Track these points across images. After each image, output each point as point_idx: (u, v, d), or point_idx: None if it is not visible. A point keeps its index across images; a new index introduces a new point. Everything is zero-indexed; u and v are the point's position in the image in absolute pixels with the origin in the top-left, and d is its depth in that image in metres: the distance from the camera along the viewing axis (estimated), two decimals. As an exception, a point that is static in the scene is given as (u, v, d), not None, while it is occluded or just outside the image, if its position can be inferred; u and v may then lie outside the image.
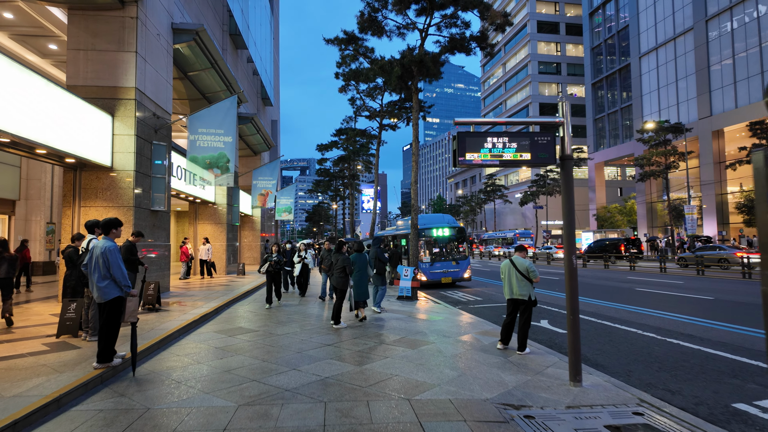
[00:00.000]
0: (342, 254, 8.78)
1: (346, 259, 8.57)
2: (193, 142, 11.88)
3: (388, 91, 23.60)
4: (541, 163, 5.07)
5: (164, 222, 12.45)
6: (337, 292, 8.55)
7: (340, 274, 8.52)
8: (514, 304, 6.52)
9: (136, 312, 5.25)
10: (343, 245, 9.04)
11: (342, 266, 8.52)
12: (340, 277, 8.52)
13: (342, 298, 8.53)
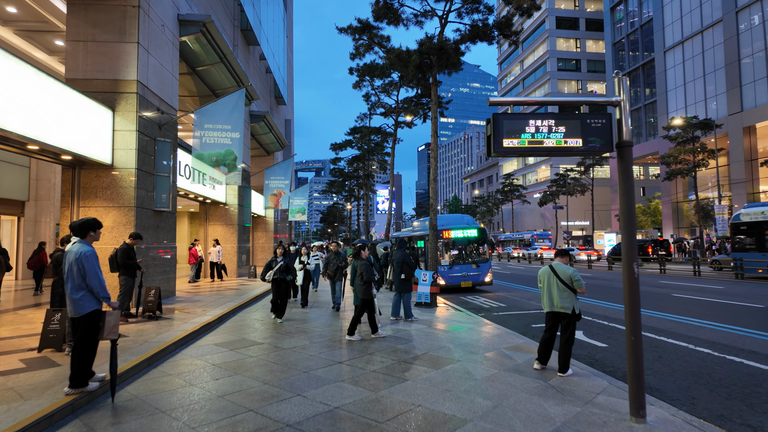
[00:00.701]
0: (362, 260, 7.95)
1: (366, 264, 7.76)
2: (198, 139, 11.23)
3: (404, 86, 22.79)
4: (593, 151, 4.19)
5: (169, 223, 11.82)
6: (361, 303, 7.72)
7: (361, 282, 7.73)
8: (554, 317, 5.63)
9: (116, 327, 4.52)
10: (362, 249, 8.23)
11: (361, 273, 7.73)
12: (361, 286, 7.71)
13: (364, 309, 7.70)
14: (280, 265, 9.10)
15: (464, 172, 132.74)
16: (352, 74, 21.13)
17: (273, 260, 9.24)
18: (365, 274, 7.63)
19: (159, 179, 11.00)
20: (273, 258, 9.29)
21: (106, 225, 9.90)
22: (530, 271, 26.55)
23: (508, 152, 4.16)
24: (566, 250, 5.75)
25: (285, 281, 9.10)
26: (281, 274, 9.07)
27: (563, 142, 4.15)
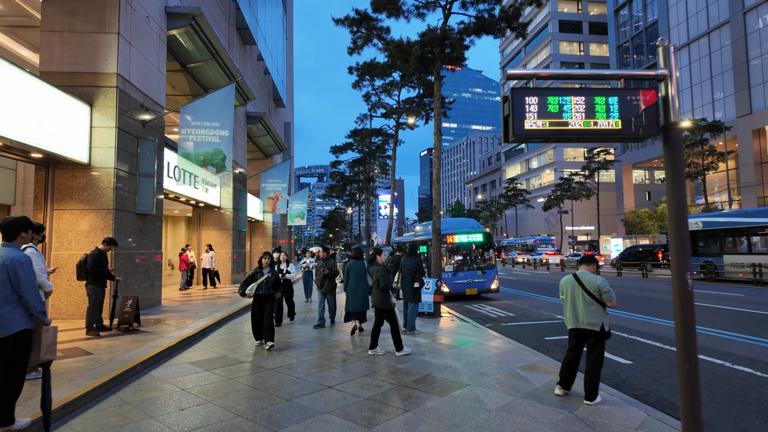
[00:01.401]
0: (378, 265, 7.18)
1: (383, 270, 7.00)
2: (185, 137, 10.50)
3: (405, 86, 22.08)
4: (634, 136, 3.41)
5: (153, 227, 11.06)
6: (379, 314, 6.97)
7: (377, 290, 6.96)
8: (579, 335, 4.82)
9: (54, 346, 3.75)
10: (379, 254, 7.45)
11: (377, 279, 6.98)
12: (378, 295, 6.93)
13: (383, 320, 6.97)
14: (266, 279, 7.23)
15: (466, 177, 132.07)
16: (352, 73, 20.43)
17: (257, 272, 7.38)
18: (382, 281, 6.82)
19: (142, 180, 10.26)
20: (257, 269, 7.42)
21: (82, 229, 9.16)
22: (536, 278, 25.69)
23: (531, 136, 3.37)
24: (592, 256, 4.94)
25: (272, 298, 7.35)
26: (267, 290, 7.28)
27: (599, 124, 3.37)
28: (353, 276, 7.93)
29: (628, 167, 53.46)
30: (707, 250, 21.30)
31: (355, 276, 7.90)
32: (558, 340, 8.62)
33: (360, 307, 7.92)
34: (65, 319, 8.93)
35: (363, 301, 7.94)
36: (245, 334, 8.38)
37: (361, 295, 7.89)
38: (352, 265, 8.02)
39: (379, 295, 6.90)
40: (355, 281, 7.91)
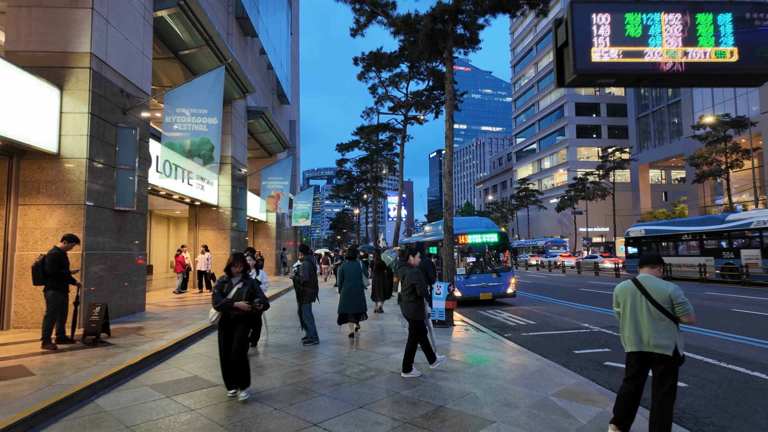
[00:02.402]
0: (409, 266, 5.98)
1: (418, 274, 5.78)
2: (169, 125, 9.48)
3: (413, 78, 20.94)
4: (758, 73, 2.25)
5: (136, 225, 10.04)
6: (414, 327, 5.75)
7: (410, 298, 5.75)
8: (643, 360, 3.64)
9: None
10: (413, 254, 6.12)
11: (411, 285, 5.74)
12: (411, 303, 5.74)
13: (419, 334, 5.71)
14: (236, 292, 4.73)
15: (476, 178, 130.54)
16: (357, 64, 19.36)
17: (225, 281, 4.80)
18: (419, 288, 5.62)
19: (122, 173, 9.25)
20: (224, 278, 4.84)
21: (50, 227, 8.16)
22: (553, 280, 24.38)
23: (600, 74, 2.24)
24: (657, 256, 3.76)
25: (244, 320, 4.76)
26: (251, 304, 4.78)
27: (702, 55, 2.22)
28: (348, 277, 7.83)
29: (645, 166, 51.83)
30: (649, 252, 25.04)
31: (350, 277, 7.81)
32: (590, 355, 7.44)
33: (356, 309, 7.88)
34: (29, 328, 7.92)
35: (358, 302, 7.91)
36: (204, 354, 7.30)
37: (356, 296, 7.87)
38: (346, 266, 7.90)
39: (413, 304, 5.70)
40: (349, 282, 7.82)
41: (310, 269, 7.41)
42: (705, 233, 21.75)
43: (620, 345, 8.19)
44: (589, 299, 15.19)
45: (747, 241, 19.59)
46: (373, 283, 11.39)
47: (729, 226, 20.39)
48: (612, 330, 9.58)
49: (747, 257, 19.36)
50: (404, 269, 5.93)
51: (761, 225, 18.78)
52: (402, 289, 5.86)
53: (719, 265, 20.68)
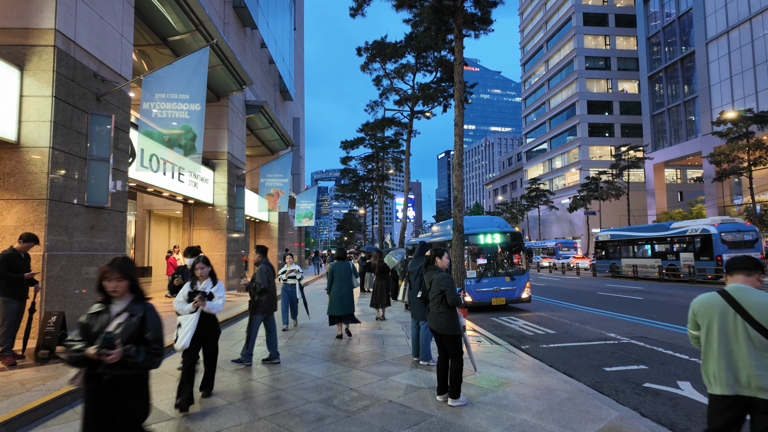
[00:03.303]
0: (436, 270, 4.88)
1: (448, 279, 4.68)
2: (147, 112, 8.54)
3: (420, 70, 19.88)
4: None
5: (112, 224, 9.11)
6: (450, 343, 4.63)
7: (440, 308, 4.64)
8: (740, 406, 2.58)
9: None
10: (439, 255, 4.98)
11: (440, 292, 4.63)
12: (441, 315, 4.62)
13: (458, 352, 4.62)
14: (115, 328, 2.55)
15: (485, 179, 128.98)
16: (361, 55, 18.38)
17: (97, 312, 2.59)
18: (449, 295, 4.53)
19: (94, 166, 8.32)
20: (98, 307, 2.63)
21: (8, 224, 7.24)
22: (567, 283, 23.17)
23: None
24: (755, 260, 2.69)
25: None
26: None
27: None
28: (338, 278, 7.73)
29: (660, 165, 50.23)
30: (614, 255, 28.69)
31: (340, 278, 7.72)
32: (625, 374, 6.36)
33: (346, 310, 7.79)
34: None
35: (348, 303, 7.83)
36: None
37: (346, 297, 7.78)
38: (336, 266, 7.77)
39: (444, 316, 4.59)
40: (339, 283, 7.73)
41: (268, 274, 6.28)
42: (655, 238, 25.07)
43: (658, 360, 7.10)
44: (610, 304, 14.04)
45: (684, 245, 23.03)
46: (374, 287, 10.35)
47: (671, 233, 23.87)
48: (644, 341, 8.46)
49: (684, 259, 22.84)
50: (431, 273, 4.86)
51: (693, 232, 22.33)
52: (430, 298, 4.77)
53: (665, 266, 23.88)
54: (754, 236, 21.33)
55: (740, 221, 22.33)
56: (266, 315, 6.31)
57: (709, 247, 21.28)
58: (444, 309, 4.59)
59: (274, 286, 6.42)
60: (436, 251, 4.97)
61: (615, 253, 28.60)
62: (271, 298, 6.31)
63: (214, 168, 16.26)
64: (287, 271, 9.26)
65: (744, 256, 2.71)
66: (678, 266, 23.02)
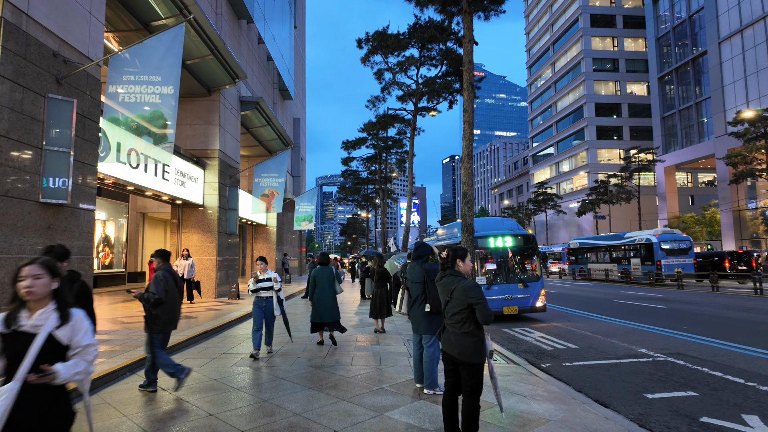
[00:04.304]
0: (459, 276, 3.62)
1: (476, 289, 3.44)
2: (113, 96, 7.51)
3: (425, 64, 18.82)
4: None
5: (76, 224, 8.07)
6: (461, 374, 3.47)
7: (464, 327, 3.42)
8: None
9: None
10: (461, 257, 3.72)
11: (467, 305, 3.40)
12: (466, 336, 3.41)
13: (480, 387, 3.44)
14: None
15: (491, 183, 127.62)
16: (361, 47, 17.38)
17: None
18: (482, 310, 3.30)
19: (51, 157, 7.28)
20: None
21: (-58, 222, 6.20)
22: (580, 290, 21.95)
23: None
24: None
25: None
26: None
27: None
28: (320, 283, 7.52)
29: (671, 168, 48.90)
30: (583, 260, 32.44)
31: (322, 283, 7.52)
32: (672, 402, 5.24)
33: (329, 317, 7.52)
34: None
35: (332, 310, 7.56)
36: (123, 403, 5.17)
37: (329, 303, 7.53)
38: (318, 272, 7.54)
39: (470, 338, 3.37)
40: (322, 290, 7.52)
41: (166, 283, 5.08)
42: (611, 246, 28.85)
43: (708, 385, 5.96)
44: (631, 313, 12.85)
45: (633, 252, 26.45)
46: (373, 296, 9.23)
47: (624, 242, 27.50)
48: (683, 359, 7.30)
49: (634, 264, 26.17)
50: (450, 281, 3.58)
51: (640, 241, 25.74)
52: (449, 314, 3.52)
53: (619, 270, 27.54)
54: (687, 245, 24.74)
55: (678, 232, 25.56)
56: (169, 329, 5.20)
57: (651, 254, 24.80)
58: (471, 329, 3.39)
59: (174, 298, 5.20)
60: (457, 251, 3.73)
61: (583, 259, 32.58)
62: (169, 312, 5.15)
63: (204, 167, 15.25)
64: (261, 280, 7.11)
65: None
66: (629, 270, 26.44)
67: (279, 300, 7.15)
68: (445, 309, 3.57)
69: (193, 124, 15.26)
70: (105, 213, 18.78)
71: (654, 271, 24.05)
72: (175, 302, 5.20)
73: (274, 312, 7.11)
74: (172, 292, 5.14)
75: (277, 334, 8.32)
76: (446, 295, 3.56)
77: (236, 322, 10.43)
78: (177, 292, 5.29)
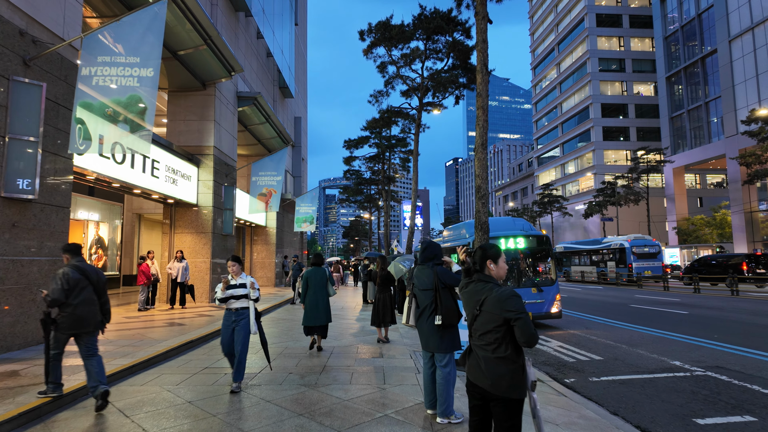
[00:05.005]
0: (491, 283, 2.70)
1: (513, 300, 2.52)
2: (87, 79, 6.74)
3: (430, 57, 18.00)
4: None
5: (46, 221, 7.28)
6: (493, 411, 2.58)
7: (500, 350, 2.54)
8: None
9: None
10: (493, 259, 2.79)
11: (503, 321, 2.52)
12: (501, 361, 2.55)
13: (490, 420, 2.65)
14: None
15: (495, 186, 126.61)
16: (364, 39, 16.60)
17: None
18: (524, 330, 2.44)
19: (16, 147, 6.52)
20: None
21: None
22: (591, 293, 21.07)
23: None
24: None
25: None
26: None
27: None
28: (312, 286, 7.23)
29: (680, 169, 47.91)
30: (566, 264, 34.59)
31: (315, 286, 7.23)
32: (729, 428, 4.42)
33: (322, 321, 7.23)
34: None
35: (325, 313, 7.25)
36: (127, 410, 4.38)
37: (322, 306, 7.23)
38: (311, 273, 7.26)
39: (506, 366, 2.54)
40: (314, 292, 7.24)
41: (65, 281, 4.46)
42: (591, 251, 31.04)
43: (763, 405, 5.12)
44: (651, 320, 11.98)
45: (610, 256, 28.72)
46: (376, 301, 8.40)
47: (601, 246, 29.81)
48: (725, 374, 6.45)
49: (610, 267, 28.47)
50: (480, 288, 2.70)
51: (615, 246, 28.10)
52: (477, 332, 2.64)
53: (597, 272, 29.86)
54: (657, 249, 27.17)
55: (648, 238, 27.78)
56: (73, 333, 4.56)
57: (624, 258, 27.17)
58: (508, 353, 2.53)
59: (85, 299, 4.58)
60: (487, 250, 2.81)
61: (567, 262, 34.66)
62: (74, 309, 4.50)
63: (198, 164, 14.48)
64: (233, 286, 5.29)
65: None
66: (606, 272, 28.76)
67: (256, 314, 5.34)
68: (471, 326, 2.72)
69: (186, 120, 14.51)
70: (98, 214, 18.06)
71: (626, 272, 26.58)
72: (86, 302, 4.58)
73: (250, 329, 5.25)
74: (78, 291, 4.53)
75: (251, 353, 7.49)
76: (474, 307, 2.69)
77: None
78: (90, 289, 4.66)
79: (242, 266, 5.50)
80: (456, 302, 4.19)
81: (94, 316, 4.63)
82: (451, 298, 4.17)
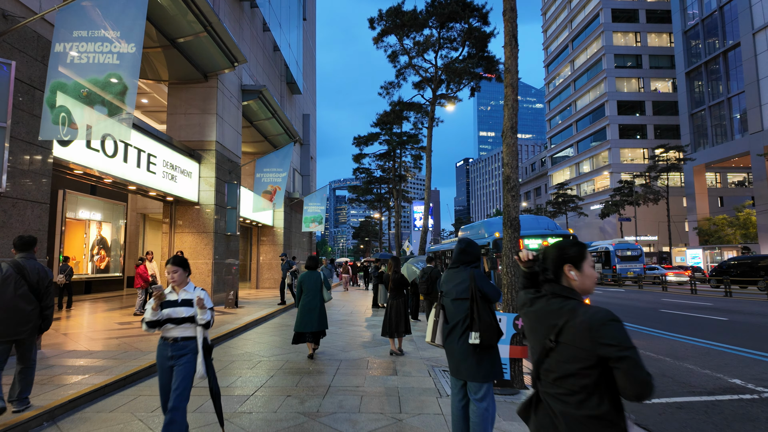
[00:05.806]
0: (574, 299, 1.71)
1: (615, 326, 1.54)
2: (61, 56, 5.95)
3: (444, 46, 17.03)
4: None
5: (17, 218, 6.50)
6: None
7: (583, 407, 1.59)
8: None
9: None
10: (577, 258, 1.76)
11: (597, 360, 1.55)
12: (586, 422, 1.58)
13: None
14: None
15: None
16: (373, 28, 15.72)
17: None
18: (631, 373, 1.49)
19: (-19, 132, 5.74)
20: None
21: None
22: (614, 297, 19.94)
23: None
24: None
25: None
26: None
27: None
28: (307, 290, 6.89)
29: (700, 168, 46.37)
30: None
31: (309, 290, 6.87)
32: None
33: (315, 327, 6.84)
34: None
35: (319, 319, 6.86)
36: None
37: (316, 312, 6.86)
38: (305, 277, 6.93)
39: (591, 425, 1.57)
40: (308, 296, 6.88)
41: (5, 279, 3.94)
42: None
43: None
44: (689, 327, 10.91)
45: (597, 258, 31.02)
46: (388, 308, 7.50)
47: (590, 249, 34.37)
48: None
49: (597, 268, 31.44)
50: (555, 307, 1.72)
51: (601, 249, 30.85)
52: (554, 376, 1.67)
53: None
54: (639, 252, 29.78)
55: (631, 242, 30.80)
56: None
57: (609, 260, 29.89)
58: (602, 409, 1.57)
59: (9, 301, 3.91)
60: (564, 250, 1.79)
61: None
62: None
63: (199, 160, 13.73)
64: (170, 303, 3.35)
65: None
66: None
67: (205, 348, 3.39)
68: (541, 365, 1.79)
69: (187, 113, 13.77)
70: (101, 213, 17.44)
71: (611, 273, 29.23)
72: (13, 308, 3.94)
73: (196, 371, 3.38)
74: (3, 288, 3.91)
75: (246, 368, 6.60)
76: (545, 337, 1.74)
77: (224, 338, 8.81)
78: (24, 289, 4.01)
79: (188, 272, 3.48)
80: (495, 317, 3.27)
81: (21, 319, 3.93)
82: (490, 311, 3.25)
